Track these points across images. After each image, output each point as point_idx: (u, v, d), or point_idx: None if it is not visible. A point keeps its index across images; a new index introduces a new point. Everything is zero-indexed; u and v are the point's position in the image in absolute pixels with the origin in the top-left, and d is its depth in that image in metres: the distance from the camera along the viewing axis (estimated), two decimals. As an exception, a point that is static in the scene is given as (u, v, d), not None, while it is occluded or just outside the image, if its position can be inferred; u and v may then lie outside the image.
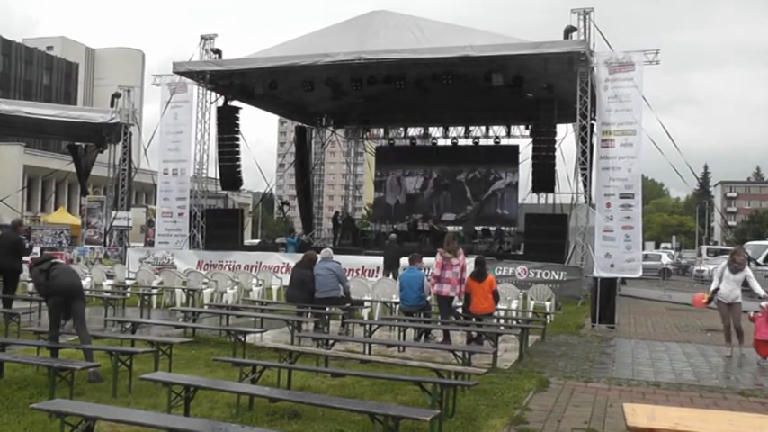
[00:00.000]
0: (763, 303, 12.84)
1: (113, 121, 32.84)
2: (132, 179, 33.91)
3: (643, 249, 29.73)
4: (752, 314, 13.16)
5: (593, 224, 23.63)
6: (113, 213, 32.89)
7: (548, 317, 16.54)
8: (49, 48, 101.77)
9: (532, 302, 18.13)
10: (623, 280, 26.75)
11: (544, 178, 28.74)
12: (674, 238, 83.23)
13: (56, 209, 57.53)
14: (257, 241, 47.95)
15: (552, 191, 30.69)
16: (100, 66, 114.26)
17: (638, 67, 23.43)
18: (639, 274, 23.66)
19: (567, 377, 10.74)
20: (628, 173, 23.11)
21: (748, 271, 13.47)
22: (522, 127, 37.06)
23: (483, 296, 13.59)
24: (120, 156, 33.74)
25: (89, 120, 33.66)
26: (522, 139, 37.22)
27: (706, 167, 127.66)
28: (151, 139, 30.74)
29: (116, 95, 33.48)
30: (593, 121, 24.76)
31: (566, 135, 31.08)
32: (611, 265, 22.64)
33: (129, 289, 19.52)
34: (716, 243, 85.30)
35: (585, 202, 25.09)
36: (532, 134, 32.14)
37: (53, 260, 10.13)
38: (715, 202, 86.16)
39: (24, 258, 16.80)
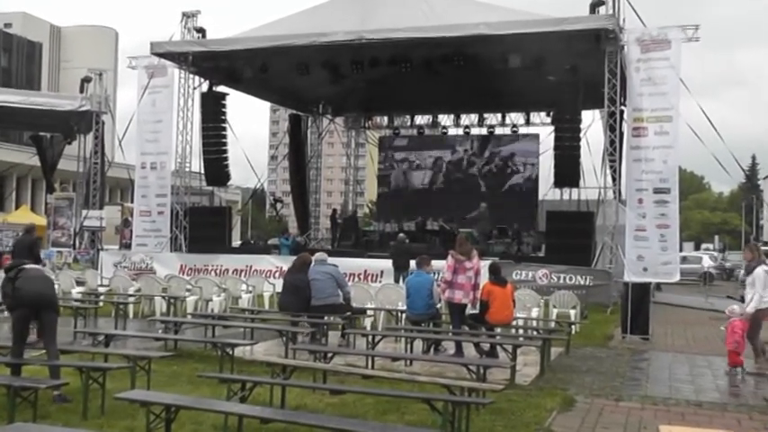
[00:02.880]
0: (727, 310, 12.82)
1: (83, 109, 32.76)
2: (105, 174, 33.85)
3: (681, 251, 29.68)
4: (722, 327, 13.04)
5: (623, 222, 23.55)
6: (84, 212, 32.86)
7: (572, 327, 16.50)
8: (8, 25, 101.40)
9: (555, 311, 18.09)
10: (658, 285, 26.68)
11: (568, 171, 28.64)
12: (716, 237, 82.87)
13: (17, 207, 57.40)
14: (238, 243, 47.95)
15: (577, 185, 30.57)
16: (67, 46, 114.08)
17: (674, 45, 23.31)
18: (677, 278, 23.58)
19: (594, 395, 10.71)
20: (663, 165, 23.02)
21: (758, 272, 12.87)
22: (543, 114, 36.99)
23: (505, 303, 13.61)
24: (91, 148, 33.68)
25: (55, 107, 33.57)
26: (542, 128, 37.18)
27: (754, 158, 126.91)
28: (126, 129, 30.74)
29: (86, 80, 33.40)
30: (623, 107, 24.65)
31: (592, 122, 31.01)
32: (645, 269, 22.57)
33: (101, 297, 19.50)
34: (765, 243, 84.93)
35: (614, 197, 25.01)
36: (554, 122, 32.01)
37: (21, 266, 9.80)
38: (764, 198, 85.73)
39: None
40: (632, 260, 22.74)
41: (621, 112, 24.58)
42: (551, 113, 34.52)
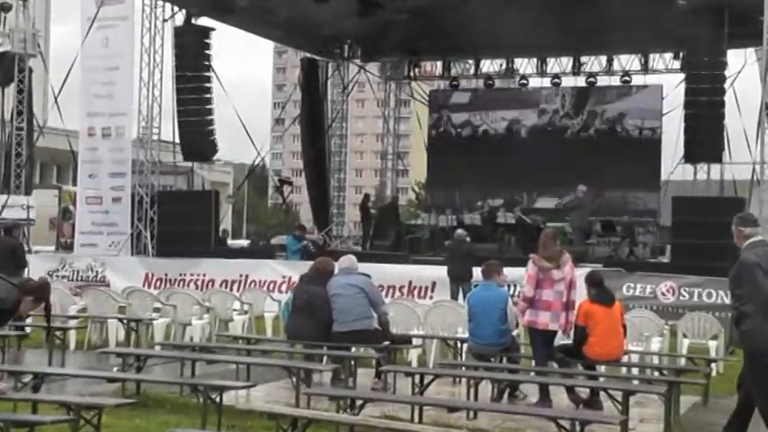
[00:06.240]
0: None
1: (0, 50, 32.89)
2: (34, 144, 33.97)
3: None
4: None
5: (788, 214, 23.33)
6: (2, 198, 33.05)
7: (713, 366, 16.31)
8: None
9: (686, 342, 17.93)
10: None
11: (705, 139, 28.41)
12: None
13: None
14: (245, 243, 48.12)
15: (719, 159, 30.33)
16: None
17: None
18: None
19: (745, 464, 10.56)
20: None
21: None
22: (669, 56, 36.72)
23: (612, 330, 13.49)
24: (12, 106, 33.84)
25: (-44, 48, 33.74)
26: (667, 76, 36.90)
27: None
28: (65, 79, 30.90)
29: (3, 8, 33.49)
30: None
31: (743, 68, 30.64)
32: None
33: (29, 320, 19.57)
34: None
35: (775, 177, 24.80)
36: (685, 67, 31.76)
37: None
38: None
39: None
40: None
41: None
42: (681, 55, 34.21)
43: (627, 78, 37.64)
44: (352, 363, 14.12)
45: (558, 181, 36.00)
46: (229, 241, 43.47)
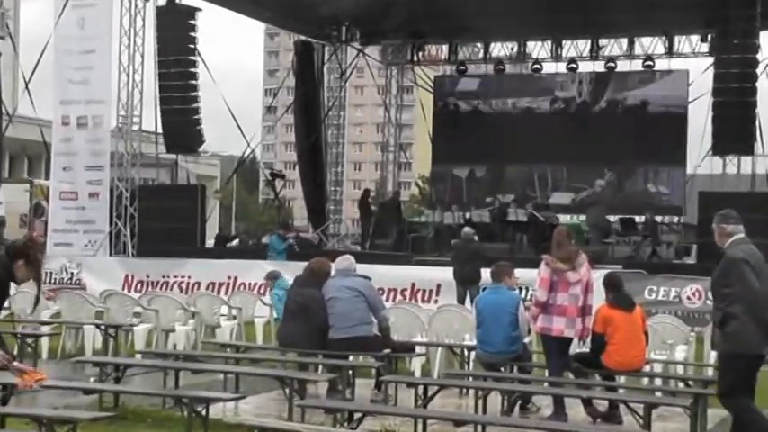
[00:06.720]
0: None
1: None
2: (3, 134, 34.00)
3: None
4: None
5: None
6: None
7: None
8: None
9: (714, 351, 17.90)
10: None
11: (735, 129, 28.42)
12: None
13: None
14: (234, 241, 48.06)
15: (750, 151, 30.32)
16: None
17: None
18: None
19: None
20: None
21: None
22: (696, 38, 36.75)
23: (633, 337, 13.48)
24: (-22, 93, 33.88)
25: None
26: (694, 60, 36.87)
27: None
28: (37, 64, 30.91)
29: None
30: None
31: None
32: None
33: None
34: None
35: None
36: (714, 50, 31.76)
37: None
38: None
39: None
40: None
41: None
42: (709, 37, 34.18)
43: (650, 63, 37.62)
44: (350, 372, 14.13)
45: (573, 176, 36.01)
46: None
